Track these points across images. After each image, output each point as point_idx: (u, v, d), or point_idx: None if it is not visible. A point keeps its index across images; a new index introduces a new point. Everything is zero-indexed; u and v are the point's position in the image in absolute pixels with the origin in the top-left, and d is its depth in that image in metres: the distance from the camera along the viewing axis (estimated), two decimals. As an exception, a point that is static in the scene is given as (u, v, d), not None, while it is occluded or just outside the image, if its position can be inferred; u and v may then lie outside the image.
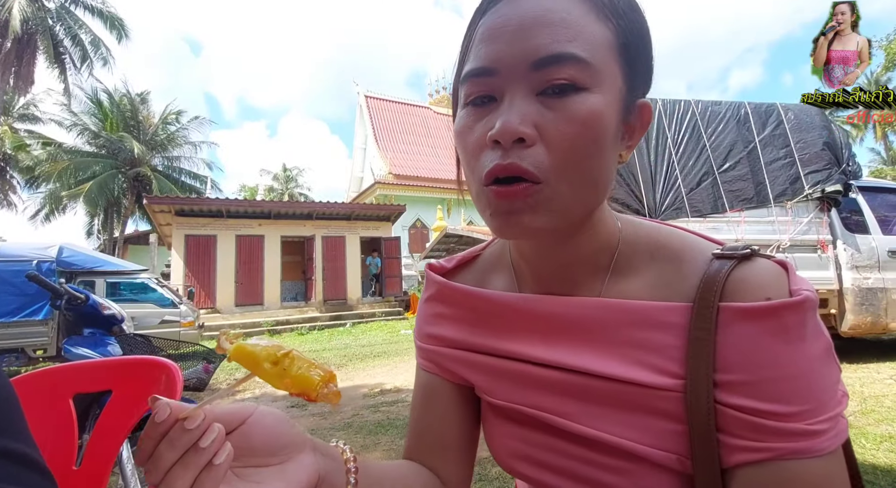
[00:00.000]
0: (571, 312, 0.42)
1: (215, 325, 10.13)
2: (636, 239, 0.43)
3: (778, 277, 0.36)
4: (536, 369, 0.43)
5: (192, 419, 0.29)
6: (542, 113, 0.34)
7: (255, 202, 13.01)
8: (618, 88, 0.36)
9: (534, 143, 0.34)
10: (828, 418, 0.33)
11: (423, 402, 0.51)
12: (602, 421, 0.39)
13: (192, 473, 0.29)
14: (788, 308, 0.33)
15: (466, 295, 0.49)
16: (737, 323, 0.34)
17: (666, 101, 4.84)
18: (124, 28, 14.73)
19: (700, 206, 4.52)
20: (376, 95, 22.78)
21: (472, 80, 0.36)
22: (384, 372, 5.77)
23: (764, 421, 0.33)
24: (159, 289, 6.93)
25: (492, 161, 0.35)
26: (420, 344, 0.53)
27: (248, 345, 0.33)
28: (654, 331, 0.38)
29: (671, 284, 0.39)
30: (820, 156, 4.47)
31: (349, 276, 12.57)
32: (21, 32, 12.71)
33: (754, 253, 0.38)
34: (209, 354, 2.76)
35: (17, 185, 19.50)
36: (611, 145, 0.36)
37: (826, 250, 4.34)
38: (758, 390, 0.33)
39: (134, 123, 17.81)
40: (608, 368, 0.39)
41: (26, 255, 5.49)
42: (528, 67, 0.34)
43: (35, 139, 17.37)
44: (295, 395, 0.33)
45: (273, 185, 30.06)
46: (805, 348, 0.33)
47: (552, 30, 0.33)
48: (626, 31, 0.36)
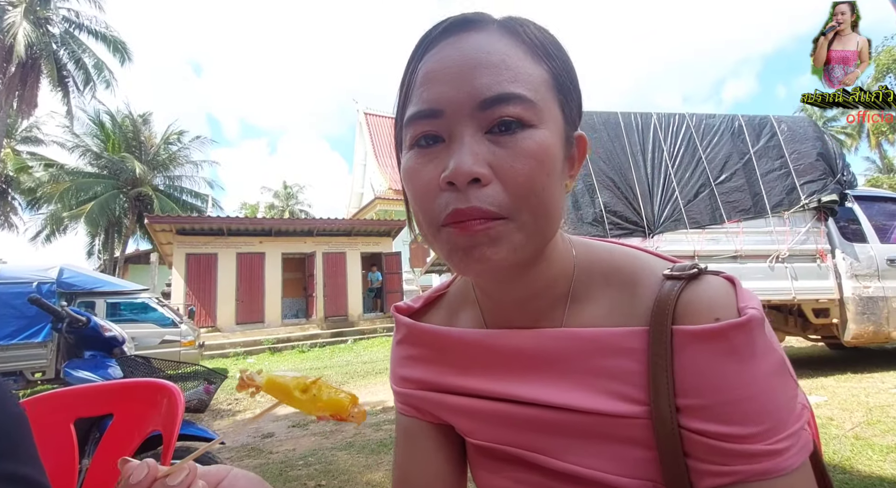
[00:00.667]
0: (534, 345, 0.42)
1: (216, 344, 10.06)
2: (590, 265, 0.43)
3: (726, 295, 0.36)
4: (507, 406, 0.42)
5: (176, 474, 0.29)
6: (493, 151, 0.34)
7: (255, 220, 13.05)
8: (559, 123, 0.37)
9: (489, 182, 0.34)
10: (788, 435, 0.33)
11: (406, 447, 0.51)
12: (577, 455, 0.39)
13: None
14: (735, 328, 0.34)
15: (433, 335, 0.49)
16: (690, 346, 0.35)
17: (661, 114, 4.91)
18: (127, 51, 15.04)
19: (698, 218, 4.55)
20: (375, 112, 23.08)
21: (417, 121, 0.36)
22: (385, 389, 5.71)
23: (725, 444, 0.33)
24: (160, 309, 6.91)
25: (448, 204, 0.34)
26: (396, 388, 0.52)
27: (277, 377, 0.36)
28: (615, 358, 0.38)
29: (627, 309, 0.39)
30: (814, 166, 4.52)
31: (350, 292, 12.54)
32: (25, 57, 12.96)
33: (702, 271, 0.38)
34: (210, 374, 2.74)
35: (19, 207, 19.65)
36: (559, 177, 0.37)
37: (825, 259, 4.35)
38: (716, 413, 0.33)
39: (136, 144, 18.00)
40: (575, 400, 0.39)
41: (26, 277, 5.49)
42: (474, 107, 0.34)
43: (37, 161, 17.55)
44: (326, 418, 0.35)
45: (274, 203, 30.20)
46: (756, 367, 0.34)
47: (494, 71, 0.34)
48: (559, 71, 0.38)
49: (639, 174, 4.60)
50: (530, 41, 0.37)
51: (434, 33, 0.38)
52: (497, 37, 0.36)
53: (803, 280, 4.30)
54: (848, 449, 2.41)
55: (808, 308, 4.33)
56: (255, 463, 3.23)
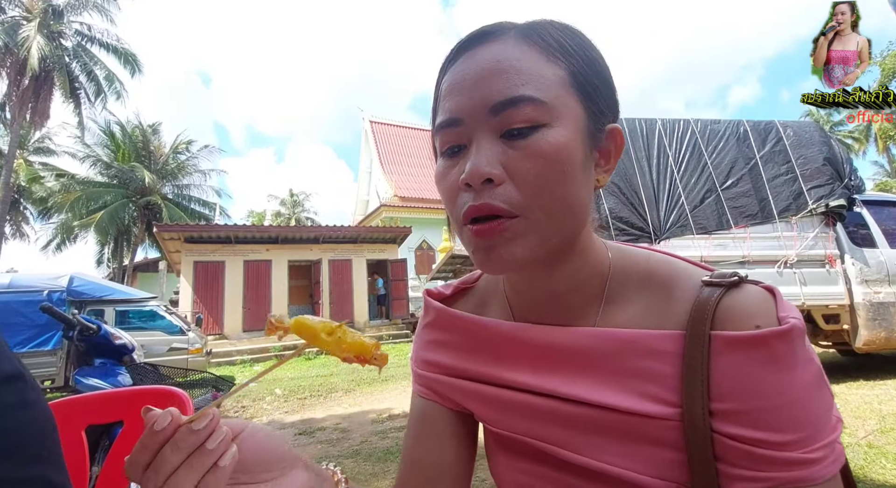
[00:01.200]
0: (567, 342, 0.42)
1: (223, 351, 10.10)
2: (626, 267, 0.43)
3: (765, 304, 0.37)
4: (535, 399, 0.43)
5: (201, 419, 0.29)
6: (506, 153, 0.36)
7: (262, 227, 13.16)
8: (578, 120, 0.37)
9: (502, 182, 0.36)
10: (823, 445, 0.33)
11: (419, 430, 0.51)
12: (604, 452, 0.39)
13: (196, 475, 0.28)
14: (777, 336, 0.34)
15: (464, 322, 0.49)
16: (728, 352, 0.35)
17: (665, 120, 4.92)
18: (138, 63, 15.31)
19: (705, 223, 4.53)
20: (380, 120, 23.26)
21: (441, 131, 0.39)
22: (392, 396, 5.69)
23: (760, 450, 0.33)
24: (168, 317, 6.96)
25: (465, 203, 0.37)
26: (417, 370, 0.53)
27: (306, 319, 0.37)
28: (648, 360, 0.38)
29: (663, 312, 0.40)
30: (821, 171, 4.50)
31: (356, 299, 12.56)
32: (39, 70, 13.24)
33: (742, 280, 0.38)
34: (218, 382, 2.76)
35: (30, 216, 19.95)
36: (581, 172, 0.37)
37: (834, 265, 4.31)
38: (752, 419, 0.34)
39: (145, 153, 18.27)
40: (606, 398, 0.39)
41: (37, 286, 5.56)
42: (487, 113, 0.36)
43: (49, 171, 17.85)
44: (351, 360, 0.36)
45: (280, 210, 30.42)
46: (796, 376, 0.34)
47: (505, 77, 0.36)
48: (579, 67, 0.38)
49: (644, 180, 4.59)
50: (545, 42, 0.38)
51: (456, 48, 0.40)
52: (512, 44, 0.38)
53: (812, 285, 4.25)
54: (861, 457, 2.37)
55: (818, 314, 4.28)
56: (262, 471, 3.23)
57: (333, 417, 4.85)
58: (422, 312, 0.55)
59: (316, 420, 4.80)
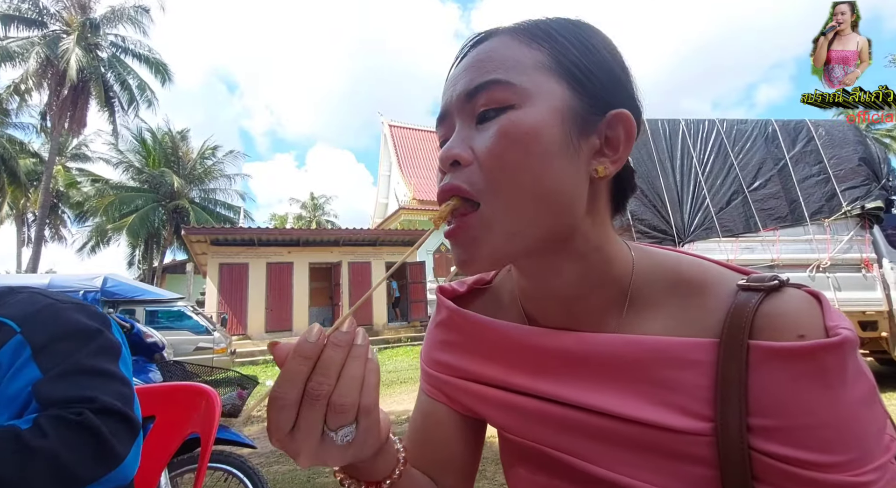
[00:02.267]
0: (586, 349, 0.40)
1: (246, 351, 10.33)
2: (653, 270, 0.40)
3: (811, 311, 0.34)
4: (554, 407, 0.40)
5: (342, 324, 0.31)
6: (474, 136, 0.36)
7: (284, 230, 13.42)
8: (557, 100, 0.35)
9: (469, 164, 0.36)
10: (875, 468, 0.30)
11: (423, 427, 0.50)
12: (627, 466, 0.37)
13: (360, 366, 0.29)
14: (827, 349, 0.31)
15: (477, 324, 0.47)
16: (770, 364, 0.32)
17: (689, 120, 4.81)
18: (168, 72, 15.89)
19: (731, 226, 4.41)
20: (399, 124, 23.47)
21: (437, 129, 0.40)
22: (410, 398, 5.71)
23: (803, 471, 0.30)
24: (194, 317, 7.17)
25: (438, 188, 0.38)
26: (427, 369, 0.51)
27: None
28: (678, 370, 0.35)
29: (694, 319, 0.37)
30: (856, 171, 4.32)
31: (374, 301, 12.67)
32: (76, 81, 13.89)
33: (783, 283, 0.36)
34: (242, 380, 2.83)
35: (68, 220, 20.90)
36: (558, 156, 0.35)
37: (871, 269, 4.12)
38: (795, 437, 0.31)
39: (174, 159, 18.94)
40: (631, 409, 0.36)
41: (74, 286, 5.80)
42: (462, 102, 0.37)
43: (85, 176, 18.68)
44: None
45: (301, 213, 30.98)
46: (847, 393, 0.31)
47: (478, 67, 0.37)
48: (564, 51, 0.36)
49: (667, 181, 4.50)
50: (529, 32, 0.37)
51: (457, 53, 0.41)
52: (497, 40, 0.38)
53: (847, 291, 4.08)
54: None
55: (854, 321, 4.10)
56: (284, 470, 3.29)
57: (353, 418, 4.89)
58: (434, 309, 0.53)
59: (336, 420, 4.85)
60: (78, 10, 14.87)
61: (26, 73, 13.78)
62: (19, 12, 14.09)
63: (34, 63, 13.66)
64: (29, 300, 0.60)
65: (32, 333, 0.56)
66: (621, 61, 0.39)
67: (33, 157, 18.53)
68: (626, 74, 0.39)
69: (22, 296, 0.61)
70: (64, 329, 0.58)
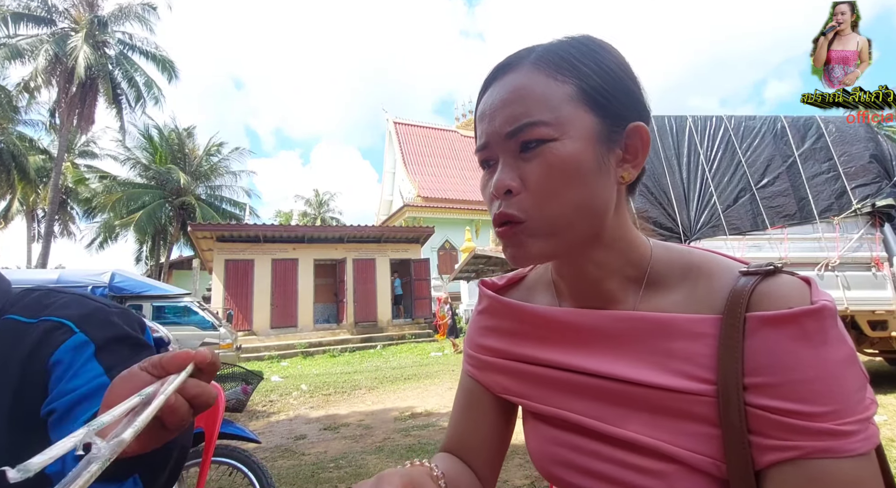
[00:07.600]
0: (607, 324, 0.46)
1: (251, 347, 10.41)
2: (668, 257, 0.47)
3: (801, 290, 0.39)
4: (575, 376, 0.47)
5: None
6: (522, 166, 0.42)
7: (289, 227, 13.49)
8: (588, 128, 0.41)
9: (519, 192, 0.42)
10: (856, 420, 0.34)
11: (465, 404, 0.57)
12: (638, 425, 0.42)
13: None
14: (808, 314, 0.36)
15: (513, 308, 0.54)
16: (762, 329, 0.37)
17: (696, 117, 4.76)
18: (174, 69, 15.95)
19: (738, 224, 4.36)
20: (404, 121, 23.46)
21: (479, 153, 0.46)
22: (414, 394, 5.73)
23: (792, 420, 0.35)
24: (200, 312, 7.22)
25: (493, 211, 0.44)
26: (469, 351, 0.58)
27: None
28: (685, 341, 0.41)
29: (702, 299, 0.43)
30: (867, 169, 4.26)
31: (379, 298, 12.71)
32: (85, 78, 13.98)
33: (777, 269, 0.41)
34: (248, 375, 2.85)
35: (76, 216, 21.11)
36: (593, 176, 0.41)
37: (881, 268, 4.07)
38: (785, 391, 0.35)
39: (181, 156, 19.03)
40: (643, 375, 0.42)
41: (82, 281, 5.86)
42: (504, 138, 0.42)
43: (93, 173, 18.84)
44: None
45: (306, 210, 31.10)
46: (827, 352, 0.35)
47: (513, 107, 0.42)
48: (588, 80, 0.42)
49: (673, 179, 4.46)
50: (554, 64, 0.42)
51: (486, 79, 0.47)
52: (525, 72, 0.43)
53: (857, 290, 4.03)
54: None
55: (863, 320, 4.05)
56: (289, 464, 3.32)
57: (357, 414, 4.92)
58: (476, 301, 0.61)
59: (340, 416, 4.88)
60: (86, 8, 14.97)
61: (35, 71, 13.86)
62: (29, 10, 14.20)
63: (43, 60, 13.76)
64: (79, 301, 0.62)
65: (93, 333, 0.58)
66: (631, 74, 0.45)
67: (42, 154, 18.71)
68: (636, 85, 0.45)
69: (68, 298, 0.62)
70: (116, 333, 0.61)
